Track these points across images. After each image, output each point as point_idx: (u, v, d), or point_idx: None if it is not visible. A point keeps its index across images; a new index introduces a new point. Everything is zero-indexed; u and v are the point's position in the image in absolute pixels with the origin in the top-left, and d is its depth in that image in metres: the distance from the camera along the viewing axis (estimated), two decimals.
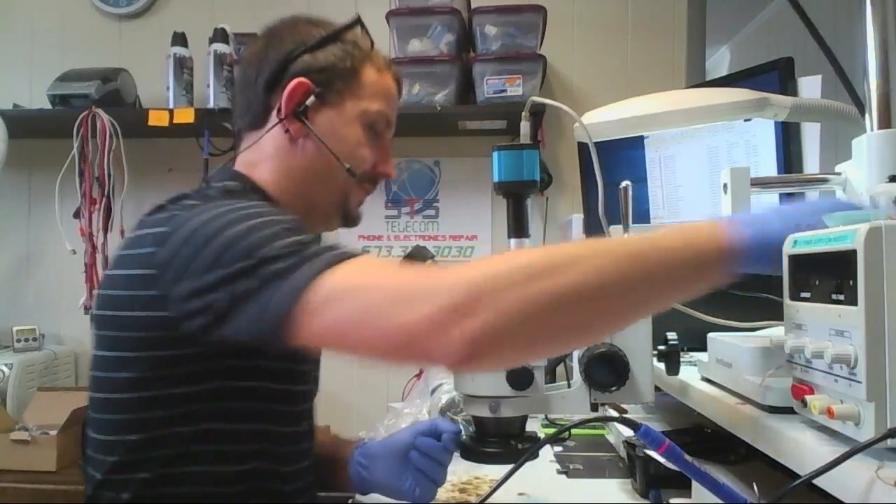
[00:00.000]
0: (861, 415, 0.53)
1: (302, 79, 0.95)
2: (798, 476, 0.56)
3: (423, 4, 2.19)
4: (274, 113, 0.96)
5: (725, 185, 0.84)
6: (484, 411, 0.85)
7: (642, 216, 1.57)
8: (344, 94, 0.98)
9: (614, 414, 1.07)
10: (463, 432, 0.97)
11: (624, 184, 0.81)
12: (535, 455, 0.87)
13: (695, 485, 0.89)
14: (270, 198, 0.95)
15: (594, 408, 0.85)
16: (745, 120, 1.31)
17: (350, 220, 1.04)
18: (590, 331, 0.69)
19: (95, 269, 2.23)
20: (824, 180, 0.89)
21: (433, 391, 1.65)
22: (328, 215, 1.02)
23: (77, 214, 2.25)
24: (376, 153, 1.01)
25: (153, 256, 0.80)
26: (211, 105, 2.25)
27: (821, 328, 0.58)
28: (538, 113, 2.17)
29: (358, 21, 1.02)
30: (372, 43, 1.03)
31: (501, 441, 0.87)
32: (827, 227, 0.60)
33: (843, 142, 0.88)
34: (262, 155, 0.98)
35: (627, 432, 1.12)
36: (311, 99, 0.95)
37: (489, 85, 2.13)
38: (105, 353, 0.85)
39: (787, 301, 0.65)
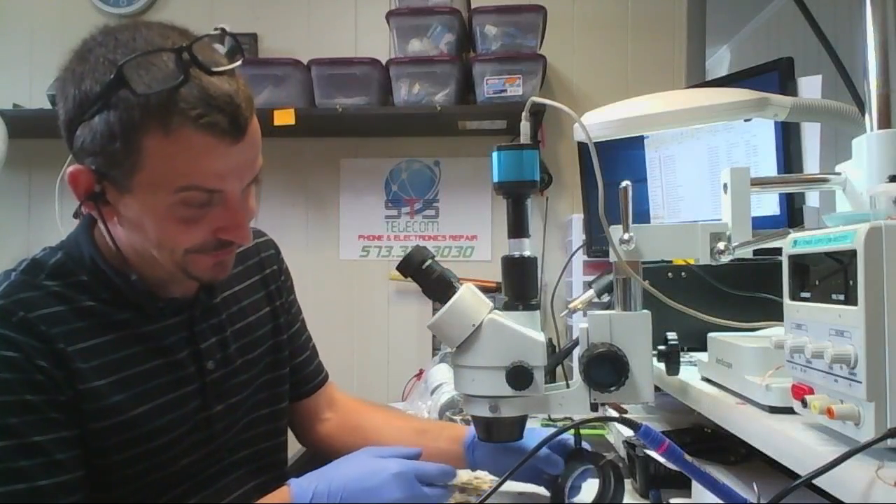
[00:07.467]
0: (861, 415, 0.53)
1: (78, 166, 0.81)
2: (798, 476, 0.56)
3: (423, 4, 2.19)
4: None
5: (725, 185, 0.84)
6: (484, 411, 0.85)
7: (642, 216, 1.57)
8: (131, 180, 0.77)
9: (614, 414, 1.07)
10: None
11: (624, 184, 0.81)
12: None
13: (695, 485, 0.89)
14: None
15: (594, 408, 0.85)
16: (745, 120, 1.31)
17: (205, 283, 0.91)
18: None
19: None
20: (824, 180, 0.88)
21: (433, 391, 1.65)
22: (178, 280, 0.89)
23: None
24: (206, 226, 0.81)
25: None
26: None
27: (821, 328, 0.58)
28: (538, 113, 2.17)
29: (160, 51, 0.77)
30: (190, 63, 0.75)
31: None
32: None
33: (843, 142, 0.88)
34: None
35: (627, 432, 1.12)
36: (98, 187, 0.80)
37: (489, 85, 2.13)
38: None
39: (787, 301, 0.65)
